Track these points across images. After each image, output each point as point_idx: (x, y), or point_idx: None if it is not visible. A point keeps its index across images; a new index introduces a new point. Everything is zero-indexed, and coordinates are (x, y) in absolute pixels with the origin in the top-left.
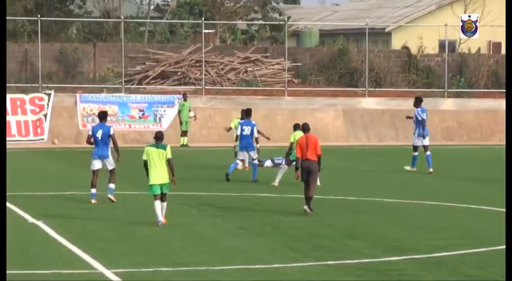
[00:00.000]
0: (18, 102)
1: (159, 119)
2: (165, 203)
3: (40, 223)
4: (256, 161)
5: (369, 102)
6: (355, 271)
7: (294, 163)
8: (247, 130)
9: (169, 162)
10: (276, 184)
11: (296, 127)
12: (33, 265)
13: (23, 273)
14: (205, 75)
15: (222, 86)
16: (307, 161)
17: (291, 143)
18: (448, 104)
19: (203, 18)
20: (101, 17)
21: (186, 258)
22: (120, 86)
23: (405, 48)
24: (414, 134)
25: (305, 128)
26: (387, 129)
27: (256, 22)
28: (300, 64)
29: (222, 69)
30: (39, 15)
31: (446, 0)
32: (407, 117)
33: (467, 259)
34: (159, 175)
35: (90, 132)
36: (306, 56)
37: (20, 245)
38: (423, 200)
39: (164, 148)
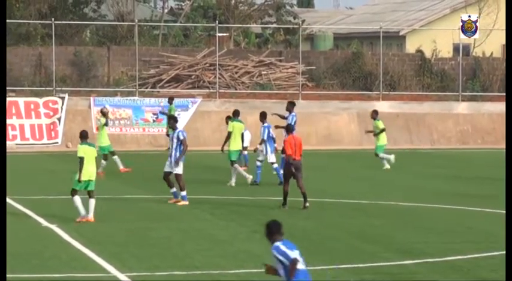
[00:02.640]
0: (32, 106)
1: None
2: (94, 200)
3: (54, 227)
4: (275, 165)
5: (383, 106)
6: (368, 274)
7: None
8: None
9: (95, 159)
10: (233, 184)
11: (232, 117)
12: (47, 269)
13: (36, 277)
14: (219, 78)
15: (236, 89)
16: (296, 161)
17: (229, 133)
18: (462, 107)
19: (217, 21)
20: (115, 21)
21: (199, 262)
22: (134, 89)
23: (419, 51)
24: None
25: (290, 128)
26: (401, 133)
27: (270, 25)
28: (314, 68)
29: (236, 72)
30: (53, 19)
31: (461, 4)
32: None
33: (482, 262)
34: (90, 171)
35: None
36: (320, 59)
37: (33, 249)
38: (437, 204)
39: (94, 146)
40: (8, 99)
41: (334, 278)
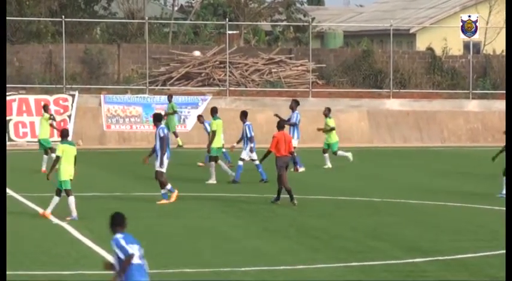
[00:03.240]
0: (43, 103)
1: (183, 120)
2: (72, 197)
3: (64, 224)
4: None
5: (393, 104)
6: (379, 272)
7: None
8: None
9: (75, 158)
10: (213, 181)
11: (213, 113)
12: (58, 266)
13: (47, 274)
14: (229, 76)
15: (246, 87)
16: (285, 157)
17: (214, 132)
18: (473, 105)
19: (227, 19)
20: (125, 18)
21: (210, 259)
22: (144, 87)
23: (430, 49)
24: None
25: (281, 125)
26: (412, 131)
27: (280, 23)
28: (324, 65)
29: (246, 70)
30: (63, 16)
31: (471, 2)
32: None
33: (492, 260)
34: (69, 170)
35: None
36: (330, 57)
37: (44, 246)
38: (447, 202)
39: (74, 144)
40: (18, 96)
41: (343, 276)
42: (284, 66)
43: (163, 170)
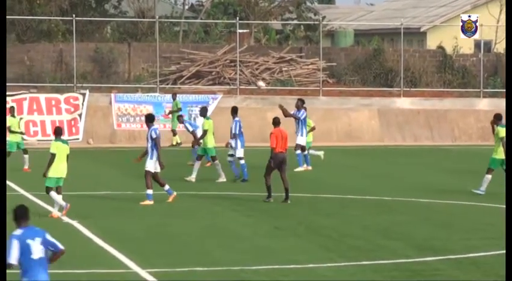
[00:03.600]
0: (53, 102)
1: (194, 119)
2: (61, 196)
3: (75, 223)
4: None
5: (404, 102)
6: (390, 271)
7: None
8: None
9: (67, 156)
10: (193, 180)
11: (204, 113)
12: (68, 265)
13: (57, 272)
14: (239, 75)
15: (257, 85)
16: (281, 154)
17: (205, 131)
18: (484, 104)
19: (237, 18)
20: (136, 17)
21: (220, 258)
22: (155, 85)
23: (440, 48)
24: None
25: (276, 121)
26: (422, 129)
27: (290, 22)
28: (334, 64)
29: (257, 69)
30: (74, 15)
31: (482, 0)
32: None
33: (504, 259)
34: (61, 168)
35: None
36: (341, 55)
37: None
38: (458, 200)
39: (68, 143)
40: (29, 95)
41: (354, 275)
42: (294, 65)
43: (152, 170)
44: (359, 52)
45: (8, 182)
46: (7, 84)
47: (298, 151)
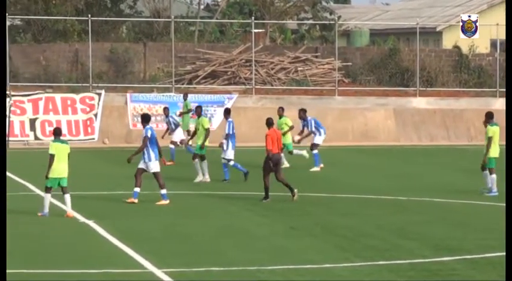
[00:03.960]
0: (69, 102)
1: (210, 118)
2: (69, 195)
3: (91, 223)
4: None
5: (420, 102)
6: (407, 271)
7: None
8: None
9: (68, 156)
10: (207, 180)
11: (198, 112)
12: (84, 264)
13: (73, 272)
14: (255, 74)
15: (272, 85)
16: (278, 154)
17: (207, 129)
18: (500, 103)
19: (253, 17)
20: (151, 17)
21: (236, 258)
22: (170, 85)
23: (456, 47)
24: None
25: (270, 122)
26: (438, 129)
27: (306, 22)
28: (350, 64)
29: (272, 68)
30: (89, 15)
31: (498, 0)
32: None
33: None
34: (61, 168)
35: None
36: (357, 55)
37: (70, 245)
38: (475, 200)
39: (67, 143)
40: (45, 95)
41: (370, 275)
42: (310, 65)
43: (144, 167)
44: (375, 52)
45: (24, 183)
46: (23, 84)
47: (315, 151)
